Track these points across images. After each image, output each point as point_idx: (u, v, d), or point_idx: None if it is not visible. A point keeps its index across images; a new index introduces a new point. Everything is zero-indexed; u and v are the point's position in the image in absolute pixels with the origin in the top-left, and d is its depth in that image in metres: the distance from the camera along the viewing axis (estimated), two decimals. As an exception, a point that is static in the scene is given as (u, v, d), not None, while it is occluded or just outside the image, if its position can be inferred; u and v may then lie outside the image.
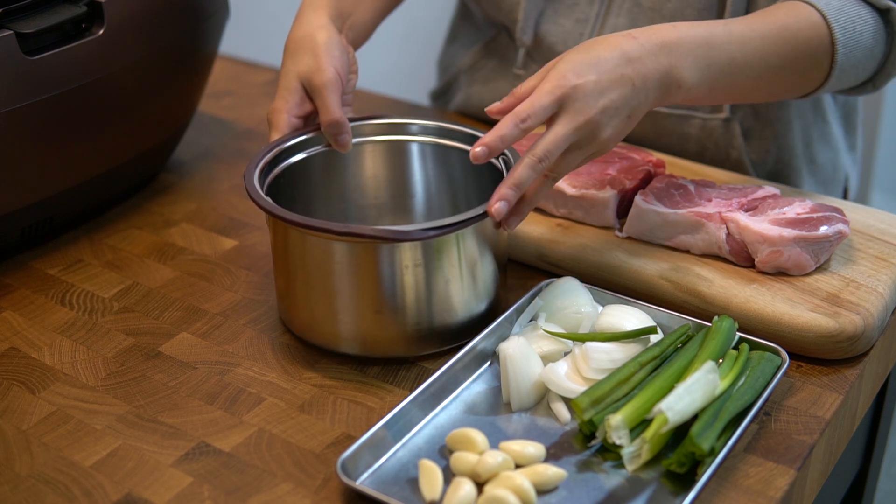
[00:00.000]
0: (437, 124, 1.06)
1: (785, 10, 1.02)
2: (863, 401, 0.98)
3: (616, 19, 1.21)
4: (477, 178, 1.05)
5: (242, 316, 1.02)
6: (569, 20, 1.23)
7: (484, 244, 0.94)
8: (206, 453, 0.86)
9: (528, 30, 1.25)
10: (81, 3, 1.06)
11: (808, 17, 1.02)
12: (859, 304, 0.94)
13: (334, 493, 0.82)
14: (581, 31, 1.22)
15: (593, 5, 1.22)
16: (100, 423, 0.89)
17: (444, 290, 0.93)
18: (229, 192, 1.23)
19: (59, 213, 1.12)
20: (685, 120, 1.23)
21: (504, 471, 0.81)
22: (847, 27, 1.03)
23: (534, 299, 0.97)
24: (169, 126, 1.22)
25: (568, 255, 1.04)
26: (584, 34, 1.22)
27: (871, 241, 1.03)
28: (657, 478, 0.82)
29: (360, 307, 0.93)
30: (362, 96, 1.43)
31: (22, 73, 1.00)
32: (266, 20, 1.98)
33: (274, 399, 0.92)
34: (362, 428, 0.88)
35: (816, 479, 0.90)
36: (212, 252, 1.12)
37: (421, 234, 0.89)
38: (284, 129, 1.02)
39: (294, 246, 0.94)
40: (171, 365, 0.96)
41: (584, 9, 1.22)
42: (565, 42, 1.23)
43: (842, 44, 1.02)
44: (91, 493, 0.83)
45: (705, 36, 0.97)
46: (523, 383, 0.89)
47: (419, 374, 0.94)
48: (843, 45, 1.02)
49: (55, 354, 0.98)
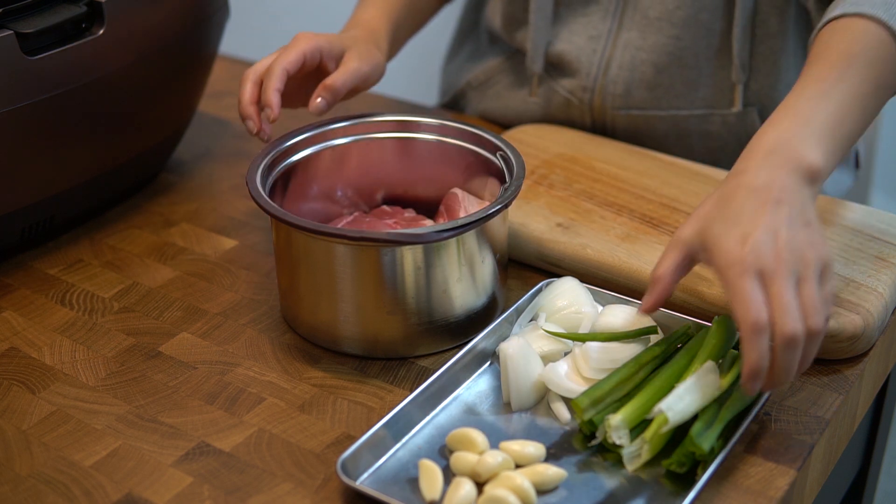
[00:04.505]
0: (440, 122, 1.06)
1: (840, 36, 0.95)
2: (863, 401, 0.98)
3: (629, 33, 1.22)
4: (478, 176, 1.05)
5: (242, 316, 1.02)
6: (582, 38, 1.25)
7: (485, 244, 0.94)
8: (206, 453, 0.86)
9: (538, 59, 1.26)
10: (81, 3, 1.06)
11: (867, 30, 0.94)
12: (859, 304, 0.94)
13: (334, 493, 0.82)
14: (594, 46, 1.24)
15: (605, 21, 1.23)
16: (100, 423, 0.89)
17: (445, 290, 0.93)
18: (229, 192, 1.23)
19: (59, 213, 1.12)
20: (705, 118, 1.24)
21: (504, 471, 0.81)
22: None
23: (534, 299, 0.97)
24: (169, 126, 1.22)
25: (568, 255, 1.04)
26: (596, 50, 1.24)
27: (871, 241, 1.03)
28: (657, 478, 0.82)
29: (364, 307, 0.93)
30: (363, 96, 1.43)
31: (22, 73, 1.00)
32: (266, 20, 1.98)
33: (274, 399, 0.92)
34: (362, 428, 0.88)
35: (816, 479, 0.90)
36: (212, 252, 1.12)
37: (435, 235, 0.89)
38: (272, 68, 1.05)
39: (297, 247, 0.94)
40: (171, 365, 0.96)
41: (598, 25, 1.24)
42: (578, 59, 1.25)
43: None
44: (91, 493, 0.83)
45: (792, 118, 0.89)
46: (523, 383, 0.89)
47: (419, 374, 0.94)
48: None
49: (55, 354, 0.98)
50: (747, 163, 0.87)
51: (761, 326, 0.78)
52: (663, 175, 1.15)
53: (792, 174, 0.85)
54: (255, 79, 1.06)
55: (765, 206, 0.83)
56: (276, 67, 1.04)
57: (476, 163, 1.04)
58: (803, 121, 0.88)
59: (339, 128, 1.06)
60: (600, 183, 1.14)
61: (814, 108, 0.89)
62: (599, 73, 1.24)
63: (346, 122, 1.06)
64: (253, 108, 1.05)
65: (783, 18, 1.21)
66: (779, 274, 0.79)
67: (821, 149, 0.87)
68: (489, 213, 0.91)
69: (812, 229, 0.83)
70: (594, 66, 1.24)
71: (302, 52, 1.06)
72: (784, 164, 0.85)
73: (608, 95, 1.25)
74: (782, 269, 0.79)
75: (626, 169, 1.17)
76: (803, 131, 0.88)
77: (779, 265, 0.80)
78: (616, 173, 1.16)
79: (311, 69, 1.08)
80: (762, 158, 0.86)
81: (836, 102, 0.90)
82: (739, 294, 0.79)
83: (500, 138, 1.02)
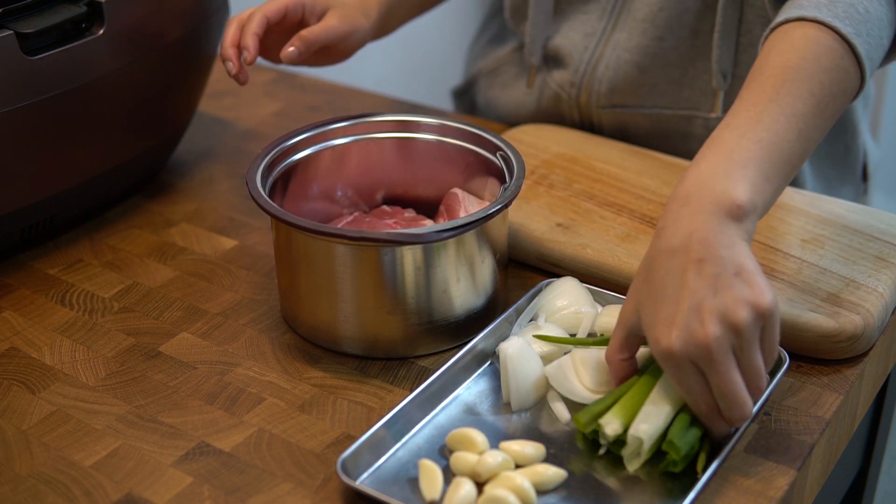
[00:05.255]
0: (440, 122, 1.06)
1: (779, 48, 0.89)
2: (863, 401, 0.98)
3: (619, 33, 1.22)
4: (478, 176, 1.05)
5: (242, 316, 1.02)
6: (578, 34, 1.25)
7: (485, 244, 0.94)
8: (206, 453, 0.86)
9: (536, 51, 1.27)
10: (81, 3, 1.06)
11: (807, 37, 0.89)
12: (859, 304, 0.94)
13: (334, 493, 0.82)
14: (587, 44, 1.25)
15: (602, 20, 1.24)
16: (100, 423, 0.89)
17: (445, 290, 0.93)
18: (229, 192, 1.23)
19: (59, 213, 1.12)
20: (688, 120, 1.24)
21: (504, 471, 0.81)
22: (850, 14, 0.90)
23: (533, 299, 0.97)
24: (169, 126, 1.22)
25: (568, 255, 1.04)
26: (588, 47, 1.25)
27: (871, 241, 1.03)
28: (657, 478, 0.82)
29: (364, 307, 0.93)
30: (364, 96, 1.43)
31: (22, 73, 1.00)
32: (266, 20, 1.97)
33: (274, 399, 0.92)
34: (362, 428, 0.88)
35: (816, 479, 0.90)
36: (212, 252, 1.12)
37: (435, 235, 0.89)
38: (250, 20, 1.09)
39: (297, 247, 0.94)
40: (171, 365, 0.96)
41: (594, 23, 1.24)
42: (571, 55, 1.25)
43: (855, 34, 0.89)
44: (91, 493, 0.83)
45: (715, 153, 0.83)
46: (523, 383, 0.89)
47: (419, 374, 0.94)
48: (856, 35, 0.89)
49: (55, 354, 0.98)
50: (665, 218, 0.81)
51: (713, 414, 0.79)
52: (663, 175, 1.15)
53: (711, 219, 0.79)
54: (238, 24, 1.11)
55: (686, 273, 0.77)
56: (258, 14, 1.10)
57: (476, 163, 1.04)
58: (725, 154, 0.82)
59: (339, 128, 1.06)
60: (600, 183, 1.14)
61: (740, 138, 0.83)
62: (588, 69, 1.25)
63: (346, 122, 1.06)
64: (233, 50, 1.10)
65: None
66: (712, 362, 0.76)
67: (746, 181, 0.80)
68: (489, 213, 0.91)
69: (742, 279, 0.77)
70: (584, 62, 1.25)
71: (284, 3, 1.12)
72: (700, 210, 0.79)
73: (593, 93, 1.25)
74: (713, 355, 0.76)
75: (626, 169, 1.17)
76: (725, 166, 0.81)
77: (709, 353, 0.76)
78: (616, 173, 1.16)
79: (293, 22, 1.13)
80: (678, 209, 0.80)
81: (766, 127, 0.83)
82: (681, 387, 0.79)
83: (500, 138, 1.02)
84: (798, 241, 1.03)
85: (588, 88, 1.25)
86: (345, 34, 1.14)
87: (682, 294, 0.77)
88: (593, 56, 1.24)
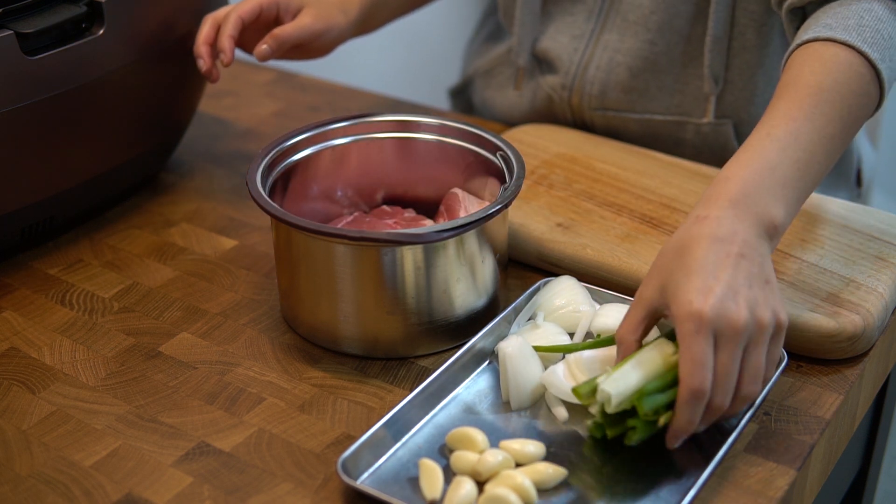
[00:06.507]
0: (440, 122, 1.06)
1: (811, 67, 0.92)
2: (863, 401, 0.98)
3: (609, 35, 1.23)
4: (478, 176, 1.05)
5: (242, 316, 1.02)
6: (566, 36, 1.26)
7: (485, 244, 0.94)
8: (206, 453, 0.86)
9: (524, 52, 1.27)
10: (81, 3, 1.06)
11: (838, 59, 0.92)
12: (859, 304, 0.94)
13: (334, 492, 0.82)
14: (576, 46, 1.25)
15: (589, 22, 1.24)
16: (100, 423, 0.89)
17: (445, 290, 0.93)
18: (229, 192, 1.23)
19: (59, 213, 1.12)
20: (679, 126, 1.24)
21: (504, 469, 0.81)
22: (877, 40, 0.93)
23: (532, 298, 0.97)
24: (169, 126, 1.22)
25: (568, 255, 1.04)
26: (578, 49, 1.25)
27: (871, 241, 1.03)
28: (657, 477, 0.82)
29: (364, 307, 0.93)
30: (364, 96, 1.43)
31: (22, 73, 1.00)
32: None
33: (274, 399, 0.92)
34: (362, 428, 0.88)
35: (816, 479, 0.90)
36: (212, 252, 1.12)
37: (435, 235, 0.89)
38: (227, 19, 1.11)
39: (297, 247, 0.94)
40: (171, 365, 0.96)
41: (581, 25, 1.25)
42: (560, 57, 1.26)
43: (880, 60, 0.92)
44: (91, 493, 0.83)
45: (760, 163, 0.86)
46: (522, 382, 0.89)
47: (419, 374, 0.94)
48: (881, 61, 0.92)
49: (55, 354, 0.98)
50: (709, 209, 0.84)
51: (701, 395, 0.78)
52: (663, 175, 1.15)
53: (754, 228, 0.83)
54: (213, 23, 1.13)
55: (727, 259, 0.81)
56: (233, 15, 1.12)
57: (476, 163, 1.04)
58: (769, 169, 0.86)
59: (339, 128, 1.06)
60: (600, 183, 1.14)
61: (781, 153, 0.87)
62: (579, 72, 1.25)
63: (346, 122, 1.06)
64: (205, 48, 1.12)
65: (761, 32, 1.18)
66: (733, 340, 0.78)
67: (785, 202, 0.85)
68: (489, 213, 0.91)
69: (770, 288, 0.81)
70: (574, 65, 1.25)
71: (259, 2, 1.13)
72: (747, 217, 0.83)
73: (585, 95, 1.25)
74: (737, 335, 0.78)
75: (626, 169, 1.17)
76: (769, 182, 0.85)
77: (735, 329, 0.78)
78: (616, 173, 1.16)
79: (268, 20, 1.15)
80: (726, 207, 0.83)
81: (803, 147, 0.87)
82: (690, 352, 0.79)
83: (500, 138, 1.02)
84: (798, 241, 1.03)
85: (580, 91, 1.25)
86: (319, 32, 1.15)
87: (721, 273, 0.80)
88: (583, 58, 1.24)
